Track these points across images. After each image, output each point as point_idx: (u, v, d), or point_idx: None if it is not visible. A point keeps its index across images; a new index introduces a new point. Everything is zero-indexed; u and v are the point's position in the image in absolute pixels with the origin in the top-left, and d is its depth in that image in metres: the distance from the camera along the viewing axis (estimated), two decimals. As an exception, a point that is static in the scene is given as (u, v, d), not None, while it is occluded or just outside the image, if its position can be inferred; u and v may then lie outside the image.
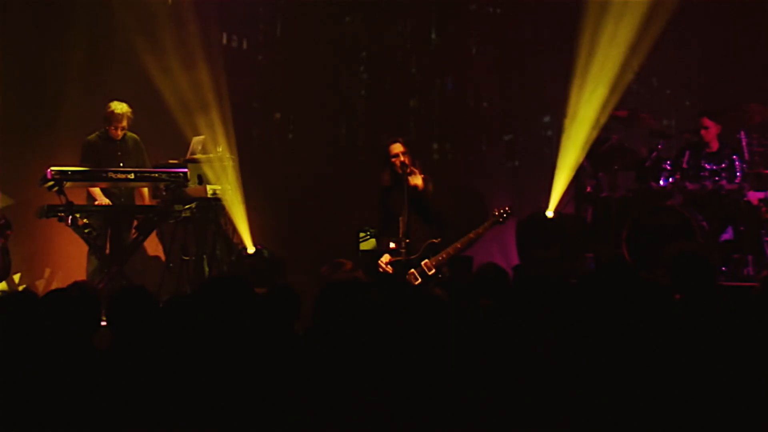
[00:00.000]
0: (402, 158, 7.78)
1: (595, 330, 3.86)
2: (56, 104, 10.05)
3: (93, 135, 8.98)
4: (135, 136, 9.10)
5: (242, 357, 3.96)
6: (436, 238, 7.71)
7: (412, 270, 7.59)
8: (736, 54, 10.14)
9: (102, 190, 8.86)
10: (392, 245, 7.69)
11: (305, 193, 10.54)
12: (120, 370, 3.93)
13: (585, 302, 4.00)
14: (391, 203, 7.86)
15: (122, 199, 9.05)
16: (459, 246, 7.64)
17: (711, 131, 8.83)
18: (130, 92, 9.27)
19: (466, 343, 3.88)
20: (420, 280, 7.57)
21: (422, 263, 7.65)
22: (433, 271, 7.63)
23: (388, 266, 7.67)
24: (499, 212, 7.73)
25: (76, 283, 4.94)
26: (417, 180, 7.68)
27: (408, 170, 7.63)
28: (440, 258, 7.64)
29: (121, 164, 8.84)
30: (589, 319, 3.91)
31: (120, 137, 8.94)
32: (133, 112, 8.93)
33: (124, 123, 8.89)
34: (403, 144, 7.88)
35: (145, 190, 9.14)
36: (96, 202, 8.79)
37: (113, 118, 8.85)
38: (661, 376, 3.62)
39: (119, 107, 8.86)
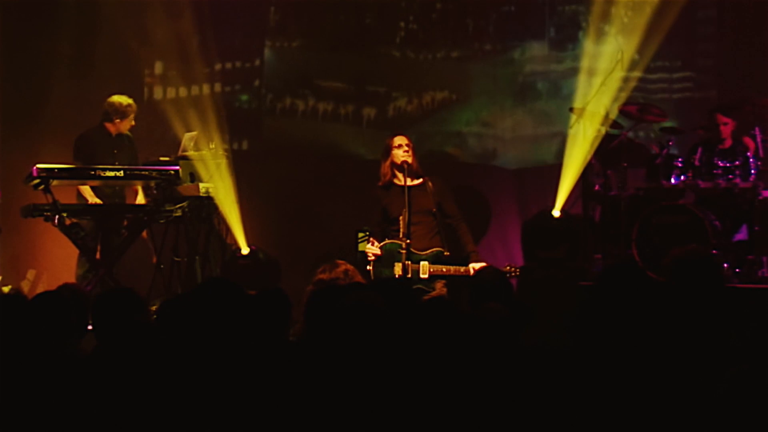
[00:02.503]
0: (406, 149, 7.57)
1: (602, 332, 3.79)
2: (43, 100, 9.93)
3: (87, 130, 8.83)
4: (129, 133, 8.96)
5: (231, 361, 3.86)
6: (445, 250, 7.48)
7: (409, 262, 7.36)
8: (749, 48, 9.96)
9: (95, 191, 8.65)
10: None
11: (302, 191, 10.40)
12: (105, 374, 3.88)
13: (592, 304, 3.93)
14: (389, 202, 7.63)
15: (117, 200, 8.88)
16: (462, 271, 7.40)
17: (729, 127, 8.65)
18: (120, 87, 9.12)
19: (467, 344, 3.82)
20: (410, 275, 7.37)
21: (421, 263, 7.43)
22: (427, 276, 7.42)
23: (375, 250, 7.49)
24: (511, 269, 7.51)
25: (66, 286, 5.01)
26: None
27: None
28: (440, 270, 7.42)
29: (117, 162, 8.65)
30: (597, 321, 3.85)
31: (116, 133, 8.78)
32: None
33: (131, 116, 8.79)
34: (408, 138, 7.71)
35: (141, 188, 8.99)
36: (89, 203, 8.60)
37: (128, 111, 8.72)
38: (666, 378, 3.59)
39: (128, 100, 8.75)
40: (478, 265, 7.41)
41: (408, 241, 7.35)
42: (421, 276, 7.41)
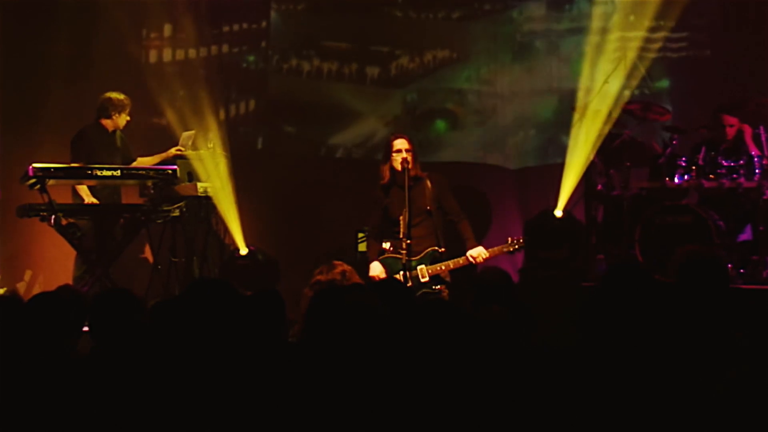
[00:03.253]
0: (405, 155, 7.48)
1: (605, 333, 3.75)
2: (42, 100, 9.90)
3: (84, 127, 8.77)
4: (121, 132, 8.92)
5: (227, 361, 3.84)
6: (440, 247, 7.42)
7: (406, 272, 7.30)
8: (751, 46, 9.87)
9: (91, 190, 8.58)
10: (387, 246, 7.43)
11: (302, 191, 10.36)
12: (102, 375, 3.87)
13: (595, 304, 3.86)
14: (389, 203, 7.58)
15: (115, 197, 8.82)
16: (461, 262, 7.39)
17: (736, 128, 8.59)
18: (116, 87, 9.05)
19: (467, 346, 3.78)
20: (411, 284, 7.30)
21: (418, 268, 7.37)
22: (427, 279, 7.38)
23: (381, 274, 7.44)
24: (511, 241, 7.49)
25: (64, 287, 4.96)
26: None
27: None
28: (438, 269, 7.39)
29: (116, 158, 8.63)
30: (600, 322, 3.79)
31: (113, 129, 8.75)
32: None
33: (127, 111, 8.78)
34: (409, 141, 7.60)
35: None
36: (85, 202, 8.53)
37: (126, 105, 8.71)
38: (670, 379, 3.55)
39: (123, 95, 8.74)
40: (475, 252, 7.37)
41: (408, 241, 7.29)
42: (422, 281, 7.37)
